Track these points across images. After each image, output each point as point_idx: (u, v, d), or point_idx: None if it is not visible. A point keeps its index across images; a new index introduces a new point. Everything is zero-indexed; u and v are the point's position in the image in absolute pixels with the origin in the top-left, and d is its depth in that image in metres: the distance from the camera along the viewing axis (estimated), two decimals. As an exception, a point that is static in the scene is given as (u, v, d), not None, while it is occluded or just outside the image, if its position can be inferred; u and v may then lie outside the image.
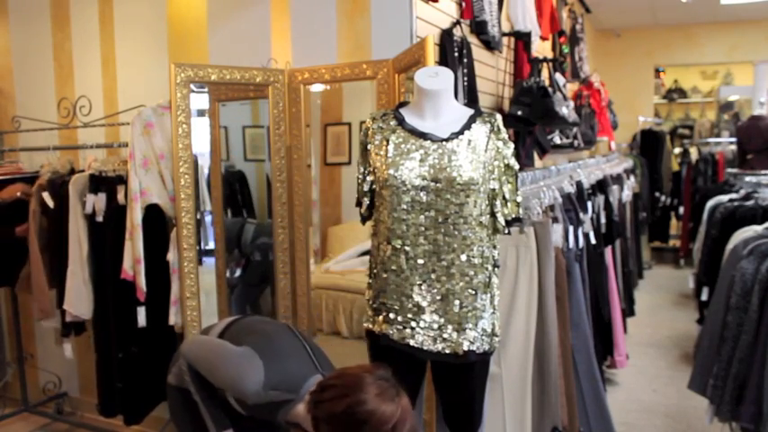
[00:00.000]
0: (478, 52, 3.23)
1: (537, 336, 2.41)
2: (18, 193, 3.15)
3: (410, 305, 1.82)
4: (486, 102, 3.37)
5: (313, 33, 2.82)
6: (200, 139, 2.76)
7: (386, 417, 1.40)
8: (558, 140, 4.10)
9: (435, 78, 1.89)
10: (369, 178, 1.93)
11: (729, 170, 5.53)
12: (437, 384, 1.98)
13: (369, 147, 1.91)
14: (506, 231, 2.10)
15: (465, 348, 1.81)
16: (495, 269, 1.89)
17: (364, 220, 2.01)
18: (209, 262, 2.94)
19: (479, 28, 3.22)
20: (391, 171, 1.81)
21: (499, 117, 1.90)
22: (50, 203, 3.05)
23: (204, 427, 1.77)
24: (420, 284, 1.81)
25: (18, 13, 3.70)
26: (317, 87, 2.77)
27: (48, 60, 3.59)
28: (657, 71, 8.52)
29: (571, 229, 2.82)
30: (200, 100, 2.79)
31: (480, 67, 3.20)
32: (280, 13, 2.88)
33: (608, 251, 3.82)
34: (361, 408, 1.41)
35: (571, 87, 4.93)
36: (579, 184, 3.21)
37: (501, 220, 1.87)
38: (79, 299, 2.90)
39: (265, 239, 3.00)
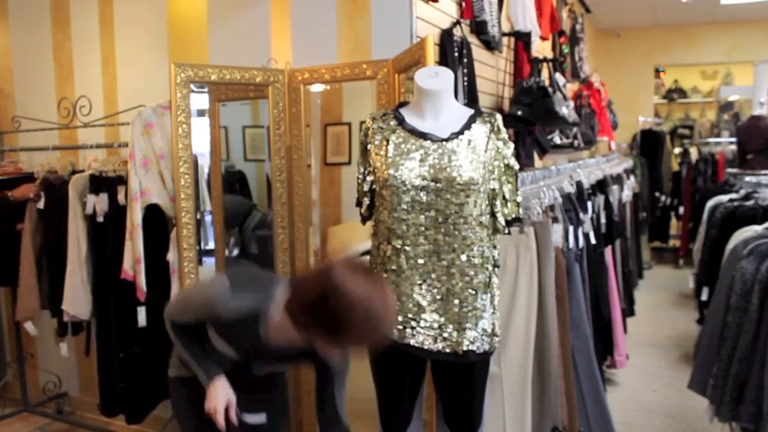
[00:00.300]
0: (478, 52, 3.23)
1: (537, 336, 2.41)
2: (31, 194, 3.16)
3: (410, 305, 1.82)
4: (486, 102, 3.37)
5: (313, 33, 2.82)
6: (201, 139, 2.76)
7: (359, 295, 1.40)
8: (558, 140, 4.10)
9: (435, 78, 1.89)
10: (369, 178, 1.93)
11: (729, 170, 5.53)
12: (437, 384, 1.98)
13: (369, 147, 1.91)
14: (506, 231, 2.10)
15: (465, 348, 1.81)
16: (496, 269, 1.89)
17: (364, 220, 2.01)
18: (209, 262, 2.94)
19: (479, 28, 3.22)
20: (391, 171, 1.81)
21: (499, 117, 1.90)
22: (40, 204, 3.06)
23: (205, 420, 1.76)
24: (420, 284, 1.81)
25: (18, 13, 3.70)
26: (317, 87, 2.77)
27: (48, 60, 3.59)
28: (657, 71, 8.52)
29: (571, 229, 2.82)
30: (201, 100, 2.79)
31: (480, 67, 3.20)
32: (280, 13, 2.88)
33: (608, 251, 3.82)
34: (335, 291, 1.41)
35: (571, 87, 4.93)
36: (579, 184, 3.21)
37: (501, 220, 1.87)
38: (77, 299, 2.90)
39: (265, 232, 3.01)
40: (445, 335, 1.81)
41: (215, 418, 1.72)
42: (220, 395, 1.73)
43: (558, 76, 3.56)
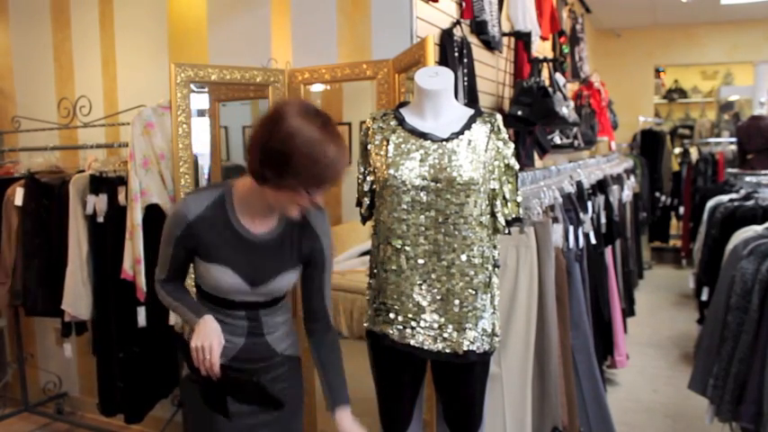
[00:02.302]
0: (478, 52, 3.23)
1: (537, 336, 2.41)
2: None
3: (410, 305, 1.82)
4: (486, 102, 3.37)
5: (313, 33, 2.82)
6: (201, 139, 2.75)
7: (303, 127, 1.43)
8: (558, 140, 4.10)
9: (435, 78, 1.89)
10: (369, 178, 1.93)
11: (729, 170, 5.52)
12: (437, 384, 1.98)
13: (369, 147, 1.91)
14: (506, 231, 2.10)
15: (465, 348, 1.81)
16: (496, 269, 1.90)
17: (364, 220, 2.01)
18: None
19: (479, 28, 3.22)
20: (391, 171, 1.81)
21: (499, 117, 1.90)
22: (18, 201, 3.08)
23: (216, 422, 1.69)
24: (420, 284, 1.81)
25: (18, 13, 3.70)
26: (317, 87, 2.77)
27: (48, 60, 3.59)
28: (657, 71, 8.52)
29: (571, 229, 2.82)
30: (201, 100, 2.79)
31: (480, 67, 3.20)
32: (280, 13, 2.88)
33: (608, 251, 3.82)
34: (279, 122, 1.44)
35: (571, 87, 4.93)
36: (579, 184, 3.21)
37: (501, 220, 1.87)
38: (78, 299, 2.90)
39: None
40: (445, 335, 1.81)
41: (201, 358, 1.53)
42: (213, 330, 1.55)
43: (558, 76, 3.56)
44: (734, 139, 6.70)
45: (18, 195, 3.10)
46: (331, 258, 1.77)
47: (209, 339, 1.54)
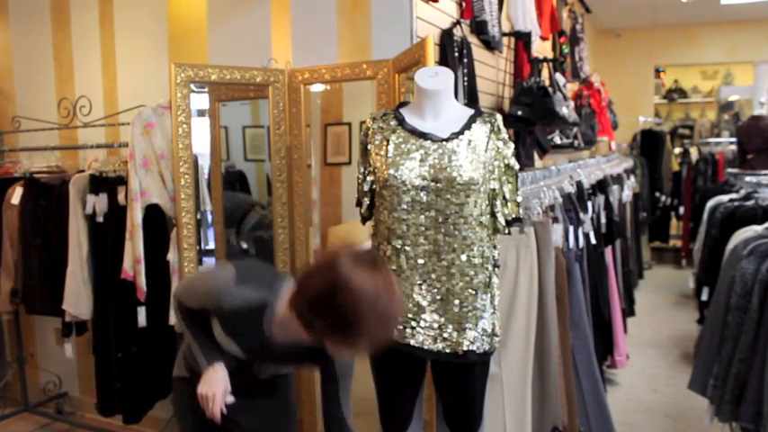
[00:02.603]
0: (478, 52, 3.23)
1: (537, 336, 2.41)
2: None
3: (410, 305, 1.82)
4: (486, 102, 3.37)
5: (313, 33, 2.82)
6: (201, 139, 2.76)
7: (366, 290, 1.36)
8: (558, 140, 4.10)
9: (435, 78, 1.89)
10: (369, 178, 1.93)
11: (729, 170, 5.52)
12: (437, 384, 1.98)
13: (369, 147, 1.91)
14: (506, 231, 2.10)
15: (465, 348, 1.81)
16: (496, 269, 1.90)
17: (364, 220, 2.01)
18: (210, 262, 2.94)
19: (479, 28, 3.22)
20: (391, 171, 1.81)
21: (499, 117, 1.90)
22: (15, 200, 3.11)
23: (204, 421, 1.74)
24: (420, 284, 1.81)
25: (18, 13, 3.70)
26: (317, 87, 2.77)
27: (48, 60, 3.59)
28: (657, 71, 8.52)
29: (571, 229, 2.82)
30: (201, 100, 2.79)
31: (480, 67, 3.20)
32: (280, 13, 2.88)
33: (608, 251, 3.82)
34: (341, 286, 1.36)
35: (571, 87, 4.93)
36: (579, 184, 3.21)
37: (501, 220, 1.87)
38: (79, 299, 2.90)
39: (263, 233, 3.01)
40: (445, 335, 1.81)
41: (206, 405, 1.65)
42: (220, 380, 1.66)
43: (558, 76, 3.56)
44: (734, 139, 6.70)
45: (16, 195, 3.11)
46: (349, 371, 1.79)
47: (214, 389, 1.65)
